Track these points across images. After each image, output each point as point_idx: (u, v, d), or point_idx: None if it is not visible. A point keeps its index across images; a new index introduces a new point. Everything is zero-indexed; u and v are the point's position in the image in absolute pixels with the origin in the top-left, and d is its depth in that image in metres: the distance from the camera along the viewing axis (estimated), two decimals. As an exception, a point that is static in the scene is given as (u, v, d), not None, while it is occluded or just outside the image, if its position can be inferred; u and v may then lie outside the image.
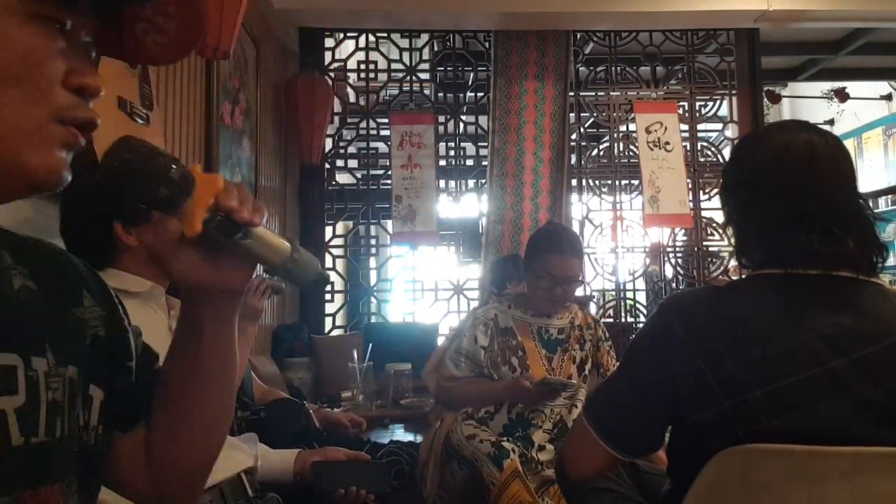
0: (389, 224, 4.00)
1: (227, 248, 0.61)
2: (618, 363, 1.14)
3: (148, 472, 0.71)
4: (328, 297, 4.07)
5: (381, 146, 4.14)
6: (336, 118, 4.13)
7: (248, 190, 0.61)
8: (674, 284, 4.41)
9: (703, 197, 4.18)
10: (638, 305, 4.33)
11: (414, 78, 4.13)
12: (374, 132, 4.11)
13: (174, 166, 0.57)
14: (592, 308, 4.18)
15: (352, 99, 4.29)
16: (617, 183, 4.18)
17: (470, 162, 4.26)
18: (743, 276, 1.07)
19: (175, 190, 0.57)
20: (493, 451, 1.82)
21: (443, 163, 4.14)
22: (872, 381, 0.89)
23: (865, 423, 0.88)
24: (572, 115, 4.13)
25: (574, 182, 4.14)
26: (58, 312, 0.63)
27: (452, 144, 4.18)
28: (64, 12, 0.55)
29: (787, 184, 1.01)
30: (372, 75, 4.14)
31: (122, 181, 0.57)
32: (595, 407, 1.09)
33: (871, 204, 1.05)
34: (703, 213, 4.17)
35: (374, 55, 4.15)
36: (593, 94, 4.27)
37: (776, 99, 6.71)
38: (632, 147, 4.16)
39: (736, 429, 0.90)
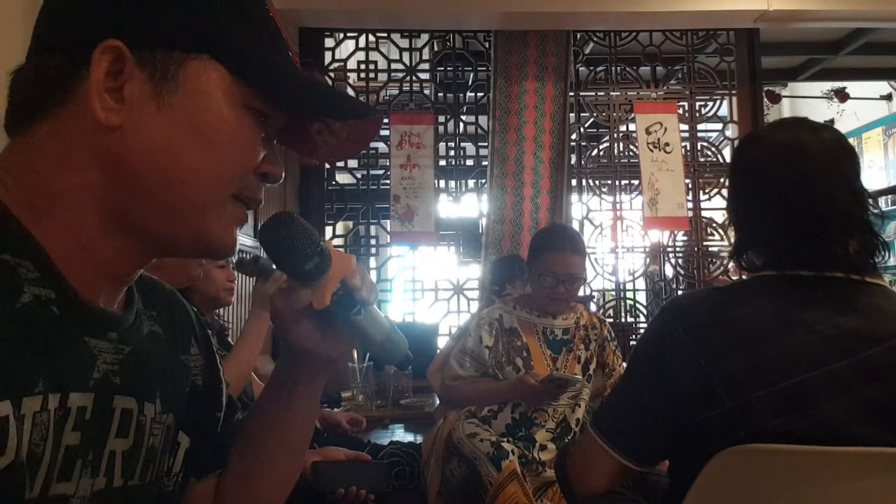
0: (389, 224, 4.00)
1: (340, 322, 0.65)
2: (624, 365, 1.14)
3: None
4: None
5: (381, 146, 4.14)
6: (336, 118, 4.12)
7: (364, 269, 0.65)
8: (674, 284, 4.41)
9: (703, 197, 4.18)
10: (638, 305, 4.33)
11: (414, 78, 4.13)
12: (373, 132, 4.10)
13: (322, 243, 0.62)
14: (592, 308, 4.18)
15: (352, 99, 4.29)
16: (617, 183, 4.18)
17: (470, 162, 4.26)
18: (744, 278, 1.07)
19: (319, 266, 0.62)
20: (493, 450, 1.82)
21: (443, 163, 4.14)
22: (875, 382, 0.89)
23: (868, 425, 0.88)
24: (572, 115, 4.13)
25: (574, 182, 4.15)
26: (171, 359, 0.66)
27: (452, 144, 4.19)
28: (271, 108, 0.59)
29: (777, 185, 1.00)
30: (372, 75, 4.14)
31: (276, 253, 0.62)
32: (601, 416, 1.09)
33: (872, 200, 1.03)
34: (703, 214, 4.17)
35: (374, 55, 4.15)
36: (593, 94, 4.27)
37: (776, 99, 6.71)
38: (632, 147, 4.16)
39: (738, 429, 0.90)
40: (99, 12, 0.53)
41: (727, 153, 4.31)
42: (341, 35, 4.13)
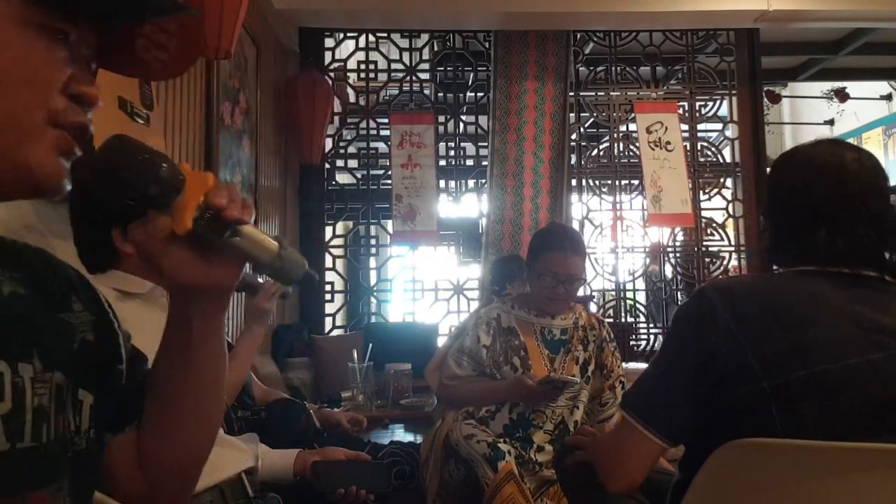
0: (389, 224, 4.00)
1: (215, 247, 0.61)
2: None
3: (140, 473, 0.71)
4: (328, 297, 4.07)
5: (381, 146, 4.14)
6: (336, 118, 4.13)
7: (238, 188, 0.61)
8: (674, 284, 4.41)
9: (703, 197, 4.19)
10: (638, 305, 4.33)
11: (414, 78, 4.14)
12: (374, 132, 4.11)
13: (164, 164, 0.58)
14: (592, 308, 4.18)
15: (352, 99, 4.29)
16: (617, 183, 4.19)
17: (470, 162, 4.26)
18: (779, 271, 1.09)
19: (165, 187, 0.57)
20: (489, 452, 1.81)
21: (443, 163, 4.14)
22: None
23: (889, 416, 0.89)
24: (572, 115, 4.14)
25: (574, 182, 4.15)
26: (46, 317, 0.63)
27: (452, 144, 4.19)
28: (66, 24, 0.56)
29: (818, 192, 1.05)
30: (372, 75, 4.14)
31: (111, 179, 0.58)
32: (633, 396, 1.09)
33: None
34: (703, 214, 4.17)
35: (374, 55, 4.15)
36: (593, 94, 4.27)
37: (776, 99, 6.71)
38: (632, 147, 4.16)
39: (771, 409, 0.91)
40: None
41: (727, 153, 4.31)
42: (341, 35, 4.13)
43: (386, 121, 4.10)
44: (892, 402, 0.90)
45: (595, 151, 4.40)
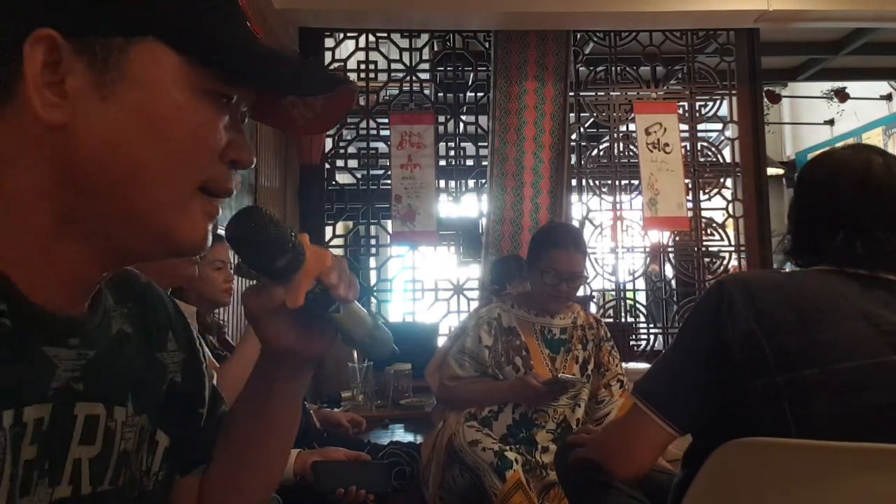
0: (389, 224, 4.00)
1: (317, 320, 0.62)
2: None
3: None
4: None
5: (381, 146, 4.14)
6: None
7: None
8: (674, 284, 4.41)
9: (703, 197, 4.18)
10: (638, 305, 4.33)
11: (414, 78, 4.13)
12: (373, 132, 4.11)
13: (293, 238, 0.59)
14: (592, 308, 4.18)
15: (352, 99, 4.29)
16: (617, 183, 4.18)
17: (470, 162, 4.26)
18: (806, 269, 1.09)
19: (291, 262, 0.58)
20: (496, 461, 1.80)
21: (443, 163, 4.14)
22: None
23: None
24: (572, 115, 4.13)
25: (574, 182, 4.15)
26: (144, 358, 0.63)
27: (452, 144, 4.18)
28: (233, 89, 0.55)
29: (839, 190, 1.06)
30: (372, 75, 4.14)
31: (245, 248, 0.58)
32: (645, 383, 1.09)
33: None
34: (703, 214, 4.17)
35: (374, 55, 4.15)
36: (593, 94, 4.27)
37: (776, 99, 6.72)
38: (632, 147, 4.16)
39: (784, 405, 0.91)
40: (29, 1, 0.49)
41: (727, 153, 4.31)
42: (341, 35, 4.13)
43: (386, 121, 4.10)
44: None
45: (595, 151, 4.40)
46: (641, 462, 1.09)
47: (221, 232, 0.73)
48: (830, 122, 7.28)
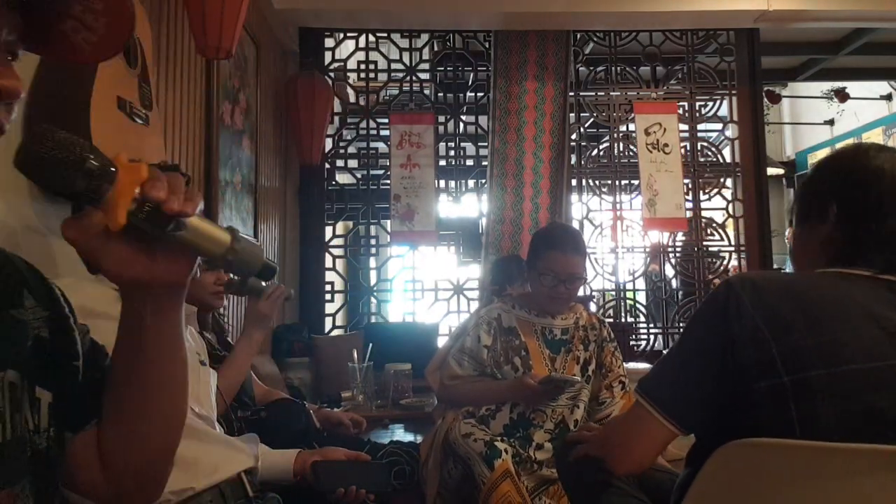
0: (389, 224, 4.00)
1: (160, 241, 0.58)
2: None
3: (102, 471, 0.69)
4: (328, 297, 4.07)
5: (381, 146, 4.14)
6: (336, 118, 4.13)
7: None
8: (674, 284, 4.41)
9: (703, 197, 4.19)
10: (638, 305, 4.33)
11: (414, 78, 4.13)
12: (373, 132, 4.11)
13: (91, 156, 0.54)
14: (592, 308, 4.18)
15: (352, 99, 4.29)
16: (617, 183, 4.19)
17: (470, 162, 4.26)
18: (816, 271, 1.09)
19: (93, 181, 0.54)
20: (486, 450, 1.82)
21: (443, 163, 4.14)
22: None
23: None
24: (572, 115, 4.14)
25: (574, 182, 4.15)
26: None
27: (452, 144, 4.19)
28: None
29: (844, 191, 1.06)
30: (372, 75, 4.14)
31: (36, 174, 0.54)
32: (649, 381, 1.08)
33: None
34: (703, 214, 4.17)
35: (374, 55, 4.15)
36: (593, 94, 4.27)
37: (776, 99, 6.72)
38: (632, 147, 4.16)
39: (790, 406, 0.90)
40: None
41: (727, 153, 4.31)
42: (341, 35, 4.13)
43: (386, 121, 4.10)
44: None
45: (595, 151, 4.40)
46: (641, 459, 1.09)
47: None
48: (830, 122, 7.29)
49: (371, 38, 4.16)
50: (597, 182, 4.21)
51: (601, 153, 4.37)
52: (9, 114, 0.56)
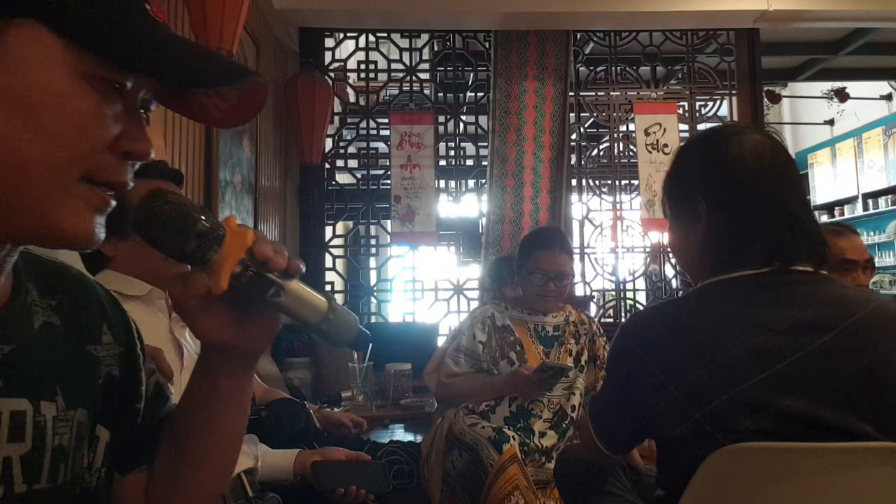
0: (389, 224, 4.00)
1: (256, 306, 0.58)
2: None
3: None
4: (328, 297, 4.06)
5: (381, 146, 4.14)
6: (336, 118, 4.13)
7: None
8: (674, 284, 4.41)
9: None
10: (638, 305, 4.33)
11: (414, 78, 4.13)
12: (374, 132, 4.11)
13: (203, 218, 0.55)
14: (592, 308, 4.19)
15: (352, 99, 4.29)
16: (617, 183, 4.19)
17: (470, 162, 4.27)
18: (698, 286, 1.07)
19: (203, 243, 0.54)
20: (494, 435, 1.86)
21: (443, 163, 4.14)
22: (832, 369, 0.90)
23: (832, 412, 0.88)
24: (572, 115, 4.14)
25: (574, 182, 4.15)
26: (73, 351, 0.61)
27: (452, 144, 4.19)
28: (124, 76, 0.52)
29: (732, 190, 1.03)
30: (372, 75, 4.14)
31: (149, 234, 0.55)
32: (593, 404, 1.15)
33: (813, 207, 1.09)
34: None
35: (374, 55, 4.15)
36: (593, 94, 4.27)
37: (776, 99, 6.72)
38: (632, 147, 4.16)
39: (716, 435, 0.90)
40: None
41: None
42: (341, 35, 4.13)
43: (386, 121, 4.10)
44: (820, 404, 0.88)
45: (595, 151, 4.40)
46: (608, 462, 1.19)
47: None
48: (830, 122, 7.29)
49: (371, 38, 4.16)
50: (597, 182, 4.21)
51: (601, 153, 4.37)
52: (131, 172, 0.56)
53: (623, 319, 4.24)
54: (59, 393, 0.57)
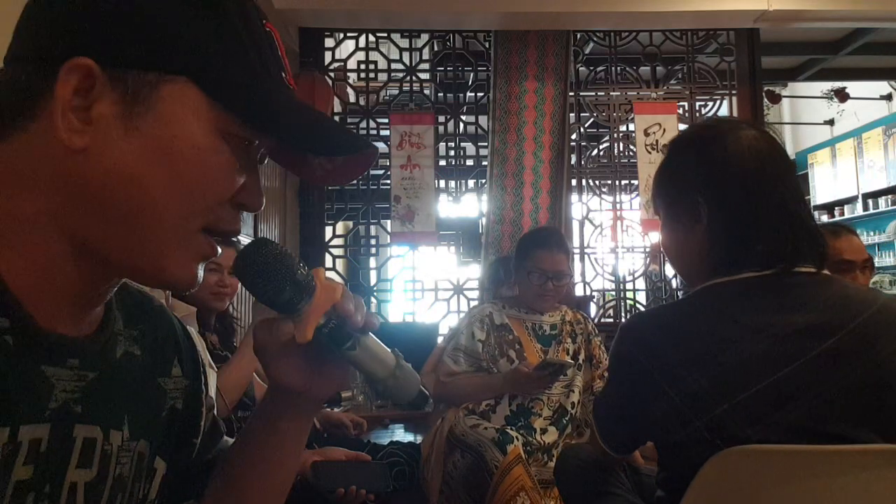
0: (389, 224, 4.00)
1: (331, 357, 0.60)
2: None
3: None
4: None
5: (381, 146, 4.14)
6: (336, 118, 4.13)
7: (361, 301, 0.60)
8: (674, 284, 4.41)
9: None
10: (638, 305, 4.33)
11: (414, 78, 4.13)
12: (374, 132, 4.11)
13: (300, 269, 0.57)
14: (592, 308, 4.19)
15: (352, 99, 4.29)
16: (617, 183, 4.19)
17: (470, 162, 4.27)
18: (698, 289, 1.04)
19: (297, 294, 0.57)
20: (498, 436, 1.86)
21: (443, 163, 4.14)
22: (835, 374, 0.88)
23: (835, 420, 0.88)
24: (572, 115, 4.14)
25: (574, 182, 4.15)
26: (145, 382, 0.62)
27: (452, 144, 4.19)
28: (256, 135, 0.55)
29: (745, 189, 1.00)
30: (372, 75, 4.14)
31: (254, 279, 0.57)
32: (597, 406, 1.16)
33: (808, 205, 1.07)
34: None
35: (374, 55, 4.15)
36: (593, 94, 4.27)
37: (776, 99, 6.72)
38: (632, 147, 4.16)
39: (716, 441, 0.89)
40: (72, 25, 0.50)
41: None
42: (341, 35, 4.13)
43: (386, 121, 4.10)
44: (821, 411, 0.88)
45: (595, 151, 4.40)
46: (614, 461, 1.22)
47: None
48: (830, 122, 7.29)
49: (371, 38, 4.16)
50: (597, 182, 4.21)
51: (601, 153, 4.37)
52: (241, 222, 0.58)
53: (623, 320, 4.24)
54: (125, 422, 0.58)
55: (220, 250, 0.57)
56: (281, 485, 0.69)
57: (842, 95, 6.47)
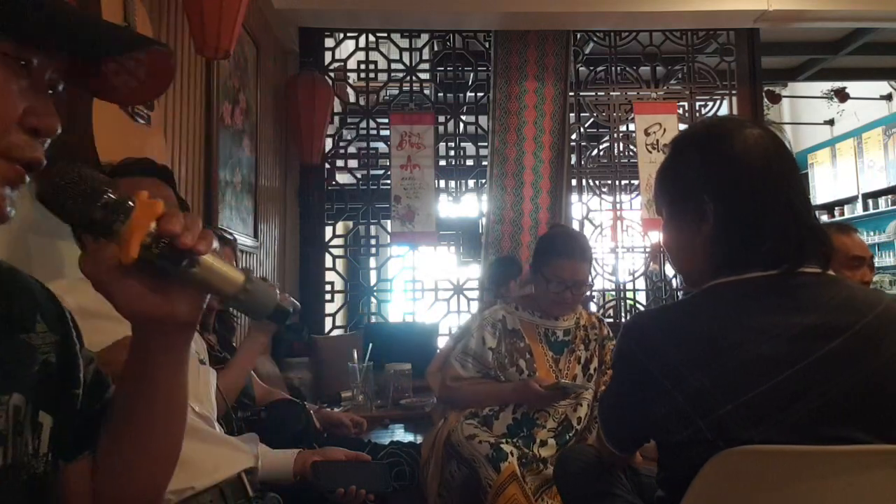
0: (389, 224, 4.00)
1: (173, 278, 0.58)
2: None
3: (94, 502, 0.69)
4: (328, 297, 4.07)
5: (381, 146, 4.14)
6: (336, 118, 4.13)
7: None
8: (674, 284, 4.41)
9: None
10: (638, 305, 4.33)
11: (414, 78, 4.13)
12: (374, 132, 4.11)
13: (109, 190, 0.55)
14: (592, 308, 4.19)
15: (352, 99, 4.29)
16: (617, 183, 4.19)
17: (470, 162, 4.27)
18: (701, 289, 1.03)
19: (109, 214, 0.55)
20: (492, 452, 1.82)
21: (443, 163, 4.14)
22: (838, 376, 0.88)
23: (837, 422, 0.87)
24: (572, 115, 4.14)
25: (574, 182, 4.15)
26: (5, 340, 0.62)
27: (452, 144, 4.19)
28: (30, 52, 0.54)
29: (753, 188, 0.99)
30: (372, 75, 4.14)
31: (56, 202, 0.55)
32: (601, 403, 1.17)
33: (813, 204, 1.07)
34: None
35: (374, 55, 4.15)
36: (593, 94, 4.27)
37: (776, 99, 6.72)
38: (632, 147, 4.16)
39: (718, 442, 0.89)
40: None
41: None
42: (341, 35, 4.13)
43: (386, 121, 4.10)
44: (824, 413, 0.87)
45: (595, 151, 4.40)
46: (619, 460, 1.21)
47: (227, 235, 0.71)
48: (830, 122, 7.29)
49: (371, 38, 4.16)
50: (597, 182, 4.21)
51: (601, 153, 4.37)
52: (43, 149, 0.57)
53: (623, 319, 4.24)
54: None
55: (26, 177, 0.57)
56: (169, 421, 0.69)
57: (842, 95, 6.47)
